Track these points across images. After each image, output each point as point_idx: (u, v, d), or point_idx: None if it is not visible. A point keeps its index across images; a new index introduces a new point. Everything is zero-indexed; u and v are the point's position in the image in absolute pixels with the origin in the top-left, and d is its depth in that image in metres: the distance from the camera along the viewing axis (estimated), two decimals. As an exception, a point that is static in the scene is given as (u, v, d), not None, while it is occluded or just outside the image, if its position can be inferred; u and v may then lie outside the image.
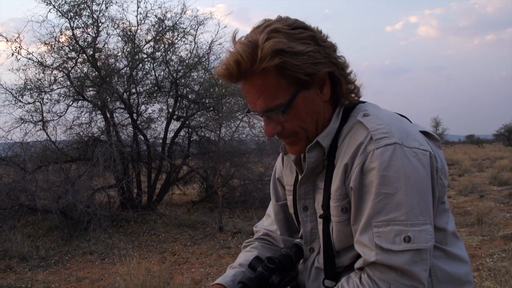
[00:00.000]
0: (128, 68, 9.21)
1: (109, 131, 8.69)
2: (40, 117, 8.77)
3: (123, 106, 9.25)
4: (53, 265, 6.08)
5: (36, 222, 8.19)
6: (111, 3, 8.73)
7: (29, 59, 8.53)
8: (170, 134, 9.82)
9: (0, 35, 8.32)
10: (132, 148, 9.16)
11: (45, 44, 8.63)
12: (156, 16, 9.14)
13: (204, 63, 9.57)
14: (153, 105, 10.00)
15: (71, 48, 8.78)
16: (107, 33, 9.12)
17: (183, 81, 9.63)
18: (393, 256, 1.05)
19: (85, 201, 7.42)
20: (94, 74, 8.99)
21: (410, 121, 1.26)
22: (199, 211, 9.59)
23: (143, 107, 9.84)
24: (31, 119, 8.75)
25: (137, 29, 9.16)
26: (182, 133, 10.26)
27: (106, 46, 9.27)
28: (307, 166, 1.25)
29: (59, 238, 7.32)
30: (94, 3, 8.60)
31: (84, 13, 8.59)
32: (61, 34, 8.69)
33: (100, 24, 8.80)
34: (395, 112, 1.25)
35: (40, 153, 9.13)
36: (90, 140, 9.36)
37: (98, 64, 8.84)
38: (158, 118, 10.07)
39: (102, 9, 8.70)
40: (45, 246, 6.95)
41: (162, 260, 6.17)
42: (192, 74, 9.72)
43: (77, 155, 9.20)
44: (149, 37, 9.32)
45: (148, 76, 9.68)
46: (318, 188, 1.28)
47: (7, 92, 8.58)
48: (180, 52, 9.66)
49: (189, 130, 10.31)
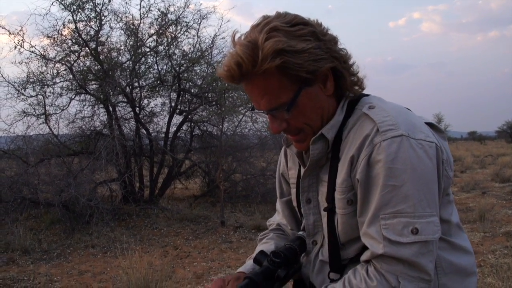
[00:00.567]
0: (130, 62, 9.20)
1: (112, 125, 8.69)
2: (43, 111, 8.77)
3: (125, 100, 9.25)
4: (55, 258, 6.10)
5: (39, 215, 8.22)
6: (114, -3, 8.71)
7: (32, 52, 8.54)
8: (172, 128, 9.83)
9: (3, 28, 8.32)
10: (135, 142, 9.17)
11: (48, 37, 8.63)
12: (159, 9, 9.14)
13: (207, 57, 9.56)
14: (156, 99, 10.03)
15: (74, 41, 8.77)
16: (110, 27, 9.13)
17: (185, 75, 9.62)
18: (401, 248, 1.05)
19: (87, 194, 7.42)
20: (96, 68, 8.99)
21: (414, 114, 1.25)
22: (201, 205, 9.61)
23: (145, 101, 9.87)
24: (34, 113, 8.76)
25: (140, 22, 9.16)
26: (184, 127, 10.26)
27: (109, 39, 9.27)
28: (310, 158, 1.25)
29: (61, 232, 7.34)
30: (97, -4, 8.59)
31: (87, 6, 8.59)
32: (64, 27, 8.69)
33: (103, 18, 8.79)
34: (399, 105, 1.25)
35: (42, 146, 9.14)
36: (92, 134, 9.37)
37: (100, 57, 8.83)
38: (161, 112, 10.10)
39: (105, 3, 8.70)
40: (47, 239, 6.97)
41: (164, 254, 6.18)
42: (194, 68, 9.71)
43: (79, 149, 9.21)
44: (152, 31, 9.32)
45: (151, 70, 9.67)
46: (322, 180, 1.27)
47: (10, 85, 8.58)
48: (183, 46, 9.66)
49: (192, 124, 10.30)
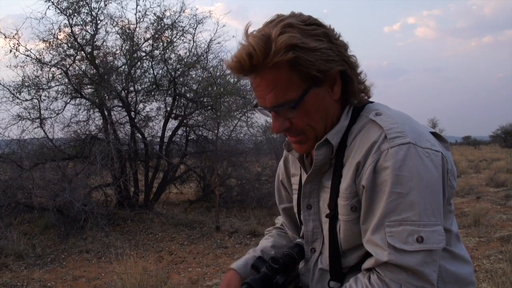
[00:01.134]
0: (126, 66, 9.19)
1: (107, 129, 8.67)
2: (38, 114, 8.74)
3: (121, 104, 9.23)
4: (49, 264, 6.06)
5: (33, 220, 8.16)
6: (110, 1, 8.73)
7: (27, 56, 8.51)
8: (167, 133, 9.81)
9: (-2, 31, 8.28)
10: (130, 146, 9.15)
11: (44, 41, 8.61)
12: (155, 14, 9.14)
13: (203, 62, 9.56)
14: (151, 103, 10.02)
15: (69, 45, 8.75)
16: (105, 31, 9.10)
17: (181, 79, 9.62)
18: (406, 256, 1.04)
19: (82, 199, 7.39)
20: (92, 72, 8.97)
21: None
22: (196, 210, 9.59)
23: (141, 105, 9.85)
24: (29, 116, 8.73)
25: (136, 27, 9.16)
26: (179, 132, 10.25)
27: (104, 43, 9.26)
28: (314, 163, 1.24)
29: (55, 236, 7.30)
30: (93, 1, 8.60)
31: (83, 10, 8.58)
32: (60, 31, 8.67)
33: (99, 22, 8.78)
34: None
35: (37, 150, 9.10)
36: (87, 138, 9.35)
37: (96, 61, 8.81)
38: (156, 116, 10.09)
39: (101, 7, 8.70)
40: (42, 244, 6.92)
41: (159, 259, 6.16)
42: (190, 73, 9.72)
43: (74, 153, 9.17)
44: (148, 35, 9.32)
45: (147, 74, 9.65)
46: (324, 186, 1.26)
47: (5, 89, 8.55)
48: (178, 51, 9.66)
49: (187, 129, 10.30)
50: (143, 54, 9.30)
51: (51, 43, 8.66)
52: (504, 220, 7.78)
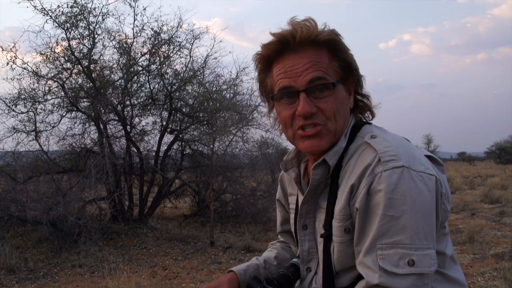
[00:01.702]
0: (123, 80, 9.21)
1: (102, 142, 8.66)
2: (33, 127, 8.73)
3: (116, 118, 9.23)
4: (41, 278, 6.00)
5: (26, 233, 8.10)
6: (107, 15, 8.78)
7: (24, 68, 8.52)
8: (163, 147, 9.80)
9: (-4, 44, 8.30)
10: (125, 160, 9.13)
11: (41, 54, 8.62)
12: (152, 29, 9.19)
13: (199, 77, 9.59)
14: (147, 117, 10.02)
15: (66, 58, 8.78)
16: (103, 45, 9.14)
17: (177, 94, 9.64)
18: (397, 279, 1.05)
19: (76, 213, 7.35)
20: (88, 85, 8.98)
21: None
22: (190, 225, 9.54)
23: (136, 120, 9.84)
24: (24, 129, 8.71)
25: (133, 41, 9.20)
26: (175, 146, 10.25)
27: (101, 57, 9.28)
28: (311, 183, 1.25)
29: (48, 250, 7.24)
30: (91, 15, 8.64)
31: (81, 24, 8.61)
32: (57, 45, 8.69)
33: (96, 36, 8.82)
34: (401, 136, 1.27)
35: (31, 163, 9.06)
36: (82, 152, 9.32)
37: (93, 75, 8.83)
38: (152, 130, 10.08)
39: (98, 21, 8.73)
40: (34, 258, 6.86)
41: (153, 274, 6.11)
42: (186, 88, 9.74)
43: (69, 166, 9.14)
44: (145, 50, 9.35)
45: (143, 88, 9.69)
46: (320, 207, 1.28)
47: (1, 101, 8.54)
48: (175, 66, 9.70)
49: (182, 143, 10.30)
50: (140, 68, 9.34)
51: (48, 56, 8.68)
52: (499, 237, 7.78)
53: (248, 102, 9.54)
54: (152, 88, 9.59)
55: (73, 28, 8.54)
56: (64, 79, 8.80)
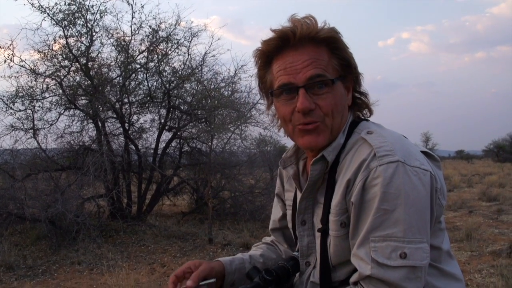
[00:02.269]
0: (121, 78, 9.21)
1: (100, 140, 8.66)
2: (31, 125, 8.71)
3: (115, 116, 9.23)
4: (40, 275, 6.01)
5: (24, 230, 8.10)
6: (105, 13, 8.77)
7: (22, 66, 8.51)
8: (161, 145, 9.81)
9: (-7, 42, 8.30)
10: (123, 158, 9.13)
11: (38, 52, 8.62)
12: (150, 26, 9.19)
13: (197, 75, 9.59)
14: (145, 115, 10.03)
15: (64, 56, 8.77)
16: (100, 43, 9.13)
17: (175, 92, 9.64)
18: (388, 271, 1.06)
19: (74, 210, 7.35)
20: (86, 83, 8.97)
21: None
22: (189, 222, 9.56)
23: (135, 117, 9.85)
24: (22, 127, 8.70)
25: (131, 39, 9.19)
26: (173, 144, 10.25)
27: (99, 55, 9.28)
28: (309, 179, 1.27)
29: (47, 248, 7.24)
30: (88, 13, 8.63)
31: (79, 22, 8.60)
32: (55, 42, 8.68)
33: (94, 33, 8.82)
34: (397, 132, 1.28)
35: (30, 161, 9.07)
36: (81, 149, 9.33)
37: (91, 73, 8.83)
38: (150, 128, 10.08)
39: (96, 19, 8.73)
40: (33, 256, 6.87)
41: (151, 271, 6.12)
42: (185, 85, 9.74)
43: (67, 164, 9.14)
44: (143, 48, 9.35)
45: (141, 86, 9.68)
46: (318, 202, 1.29)
47: (-2, 99, 8.53)
48: (173, 63, 9.70)
49: (181, 141, 10.30)
50: (138, 66, 9.33)
51: (46, 54, 8.68)
52: (496, 234, 7.81)
53: (246, 99, 9.55)
54: (150, 86, 9.60)
55: (71, 25, 8.53)
56: (62, 77, 8.79)
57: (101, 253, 6.92)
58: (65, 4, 8.36)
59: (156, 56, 9.41)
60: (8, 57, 8.31)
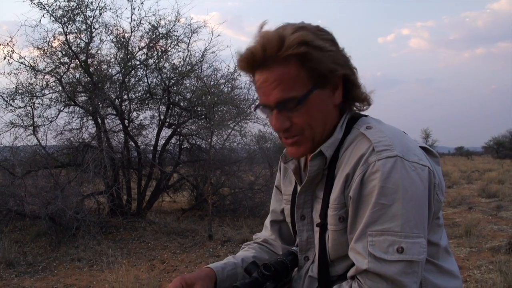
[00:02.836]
0: (120, 75, 9.21)
1: (100, 137, 8.67)
2: (31, 122, 8.71)
3: (114, 113, 9.23)
4: (40, 272, 6.02)
5: (24, 227, 8.12)
6: (105, 9, 8.75)
7: (21, 63, 8.50)
8: (161, 141, 9.81)
9: (-8, 38, 8.29)
10: (123, 154, 9.14)
11: (38, 48, 8.61)
12: (150, 23, 9.17)
13: (197, 71, 9.59)
14: (145, 112, 10.03)
15: (63, 53, 8.76)
16: (100, 39, 9.12)
17: (175, 88, 9.64)
18: (385, 265, 1.07)
19: (74, 207, 7.36)
20: (86, 80, 8.97)
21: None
22: (188, 219, 9.57)
23: (134, 114, 9.85)
24: (22, 124, 8.70)
25: (131, 35, 9.18)
26: (173, 140, 10.25)
27: (99, 52, 9.27)
28: (308, 175, 1.27)
29: (47, 244, 7.26)
30: (88, 9, 8.61)
31: (78, 18, 8.59)
32: (54, 39, 8.68)
33: (93, 30, 8.80)
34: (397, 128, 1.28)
35: (29, 158, 9.06)
36: (80, 146, 9.32)
37: (90, 70, 8.81)
38: (150, 125, 10.09)
39: (96, 15, 8.71)
40: (33, 252, 6.88)
41: (151, 267, 6.14)
42: (184, 82, 9.74)
43: (67, 161, 9.15)
44: (143, 44, 9.35)
45: (141, 83, 9.67)
46: (317, 197, 1.29)
47: (-2, 96, 8.53)
48: (173, 60, 9.69)
49: (180, 137, 10.31)
50: (138, 62, 9.33)
51: (45, 50, 8.67)
52: (495, 230, 7.83)
53: (246, 96, 9.54)
54: (150, 83, 9.60)
55: (70, 22, 8.52)
56: (62, 74, 8.79)
57: (101, 250, 6.94)
58: (64, 1, 8.36)
59: (156, 52, 9.40)
60: (8, 54, 8.31)
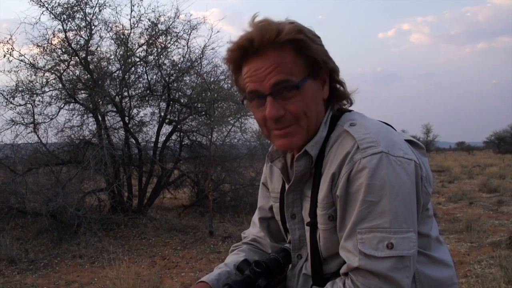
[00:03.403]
0: (120, 72, 9.21)
1: (101, 134, 8.68)
2: (31, 119, 8.73)
3: (115, 109, 9.24)
4: (42, 269, 6.05)
5: (26, 225, 8.14)
6: (104, 6, 8.75)
7: (21, 61, 8.52)
8: (161, 138, 9.82)
9: (-8, 36, 8.30)
10: (124, 151, 9.15)
11: (38, 46, 8.62)
12: (149, 20, 9.18)
13: (197, 68, 9.59)
14: (145, 108, 10.04)
15: (63, 50, 8.77)
16: (100, 36, 9.13)
17: (175, 85, 9.64)
18: (376, 262, 1.07)
19: (75, 204, 7.38)
20: (86, 77, 8.98)
21: (395, 130, 1.28)
22: (189, 215, 9.58)
23: (135, 111, 9.86)
24: (22, 121, 8.72)
25: (130, 32, 9.19)
26: (173, 137, 10.26)
27: (98, 49, 9.29)
28: (295, 174, 1.26)
29: (48, 241, 7.28)
30: (87, 6, 8.62)
31: (77, 15, 8.60)
32: (54, 37, 8.69)
33: (93, 27, 8.81)
34: (380, 121, 1.27)
35: (30, 155, 9.08)
36: (81, 143, 9.34)
37: (90, 67, 8.82)
38: (150, 121, 10.10)
39: (95, 12, 8.73)
40: (34, 249, 6.91)
41: (152, 264, 6.16)
42: (184, 78, 9.74)
43: (68, 158, 9.17)
44: (142, 41, 9.34)
45: (141, 79, 9.69)
46: (306, 196, 1.29)
47: (-2, 93, 8.53)
48: (172, 56, 9.70)
49: (181, 134, 10.31)
50: (137, 59, 9.33)
51: (45, 48, 8.68)
52: (496, 225, 7.83)
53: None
54: (150, 79, 9.60)
55: (70, 19, 8.53)
56: (62, 71, 8.80)
57: (102, 247, 6.96)
58: (63, -2, 8.35)
59: (156, 49, 9.41)
60: (8, 51, 8.33)
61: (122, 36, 9.23)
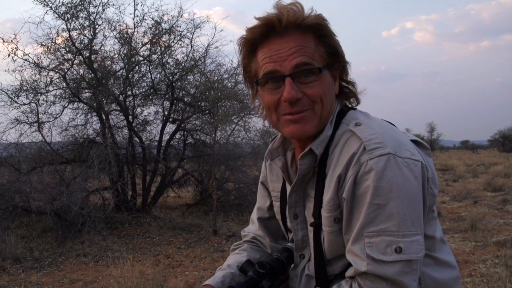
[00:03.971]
0: (124, 71, 9.22)
1: (105, 133, 8.69)
2: (36, 118, 8.76)
3: (118, 108, 9.25)
4: (46, 267, 6.07)
5: (30, 223, 8.17)
6: (108, 6, 8.76)
7: (25, 60, 8.53)
8: (165, 137, 9.83)
9: (-3, 36, 8.31)
10: (127, 150, 9.16)
11: (42, 45, 8.63)
12: (153, 18, 9.17)
13: (200, 66, 9.58)
14: (149, 107, 10.04)
15: (67, 49, 8.78)
16: (103, 35, 9.13)
17: (179, 84, 9.64)
18: (384, 266, 1.06)
19: (79, 203, 7.40)
20: (90, 76, 8.99)
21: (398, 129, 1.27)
22: (193, 214, 9.59)
23: (138, 110, 9.87)
24: (27, 120, 8.74)
25: (134, 31, 9.20)
26: (177, 136, 10.26)
27: (102, 48, 9.29)
28: (298, 173, 1.24)
29: (53, 240, 7.30)
30: (91, 5, 8.63)
31: (81, 15, 8.60)
32: (58, 36, 8.69)
33: (97, 26, 8.81)
34: (384, 120, 1.26)
35: (35, 154, 9.10)
36: (85, 142, 9.36)
37: (94, 66, 8.84)
38: (154, 120, 10.10)
39: (99, 11, 8.72)
40: (39, 248, 6.93)
41: (156, 263, 6.16)
42: (188, 77, 9.73)
43: (72, 157, 9.19)
44: (146, 40, 9.35)
45: (144, 78, 9.70)
46: (309, 196, 1.28)
47: (3, 92, 8.57)
48: (176, 55, 9.70)
49: (185, 133, 10.31)
50: (141, 58, 9.33)
51: (49, 47, 8.69)
52: (501, 224, 7.80)
53: (249, 91, 9.53)
54: (153, 78, 9.61)
55: (74, 18, 8.54)
56: (66, 70, 8.81)
57: (106, 245, 6.98)
58: (67, -3, 8.36)
59: (159, 48, 9.41)
60: (12, 51, 8.34)
61: (126, 35, 9.24)
